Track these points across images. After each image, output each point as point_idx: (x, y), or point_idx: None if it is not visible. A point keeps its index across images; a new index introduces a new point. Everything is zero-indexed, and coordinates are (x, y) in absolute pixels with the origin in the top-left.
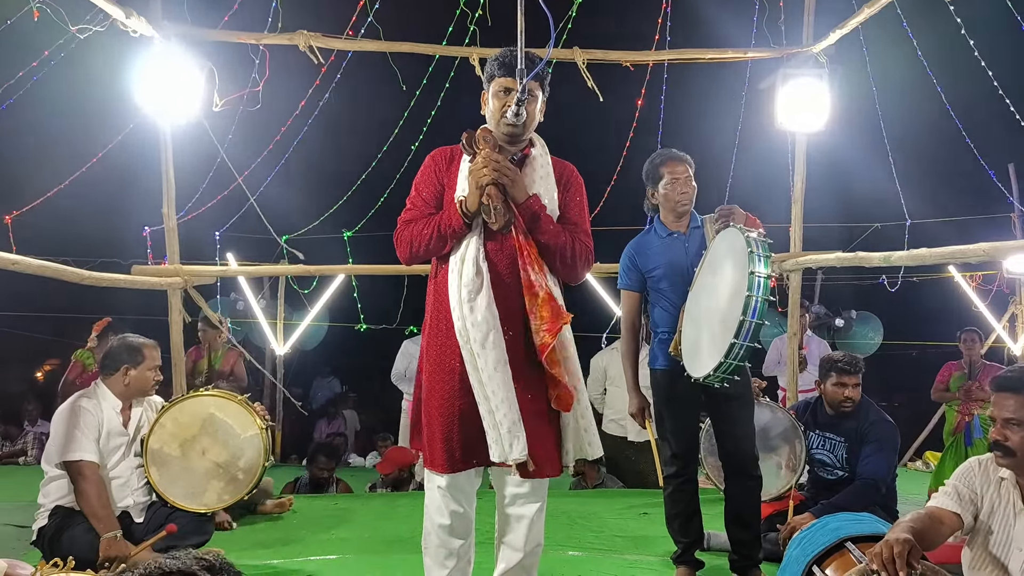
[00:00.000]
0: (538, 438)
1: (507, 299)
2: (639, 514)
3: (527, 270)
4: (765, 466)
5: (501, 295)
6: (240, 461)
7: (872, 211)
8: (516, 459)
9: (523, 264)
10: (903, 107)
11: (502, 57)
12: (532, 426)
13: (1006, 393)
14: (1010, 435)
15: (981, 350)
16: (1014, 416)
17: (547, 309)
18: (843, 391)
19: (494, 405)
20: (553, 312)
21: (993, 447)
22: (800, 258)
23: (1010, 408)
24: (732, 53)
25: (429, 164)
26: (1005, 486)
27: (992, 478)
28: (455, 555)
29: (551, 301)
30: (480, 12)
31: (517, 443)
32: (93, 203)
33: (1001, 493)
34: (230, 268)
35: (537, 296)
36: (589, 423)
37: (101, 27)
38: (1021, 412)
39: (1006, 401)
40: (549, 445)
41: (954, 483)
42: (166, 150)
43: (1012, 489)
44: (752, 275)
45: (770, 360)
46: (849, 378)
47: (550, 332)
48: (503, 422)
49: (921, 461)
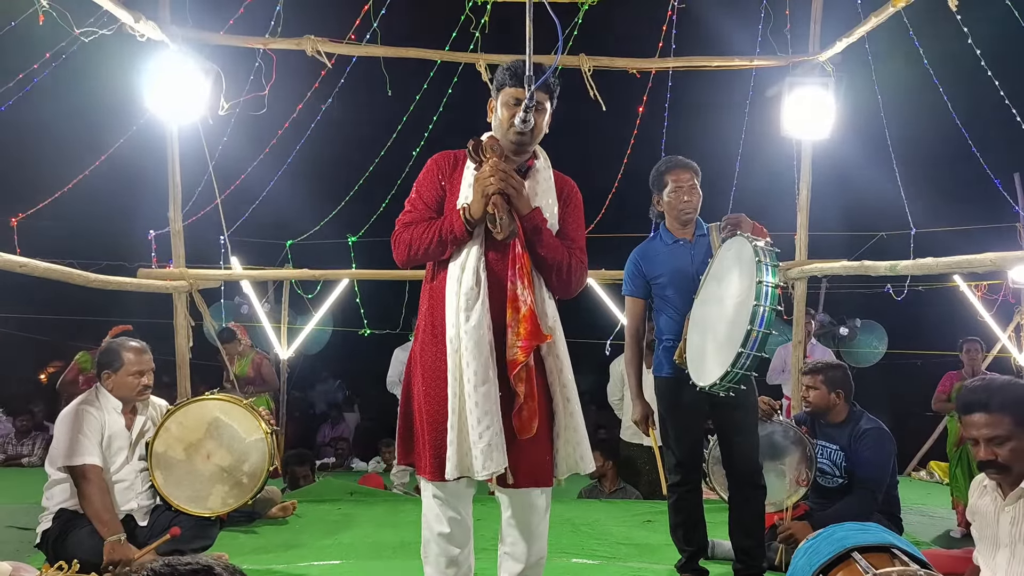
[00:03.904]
0: (529, 449)
1: (501, 311)
2: (643, 522)
3: (515, 282)
4: (771, 477)
5: (496, 306)
6: (244, 465)
7: (877, 220)
8: (494, 472)
9: (512, 276)
10: (909, 116)
11: (514, 67)
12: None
13: (977, 413)
14: (999, 451)
15: (983, 360)
16: (995, 433)
17: (525, 325)
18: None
19: (477, 418)
20: (530, 330)
21: (983, 467)
22: (805, 266)
23: (986, 426)
24: (738, 61)
25: (432, 167)
26: (989, 489)
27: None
28: (455, 563)
29: (531, 319)
30: (485, 18)
31: (497, 455)
32: (98, 206)
33: (984, 498)
34: (235, 272)
35: (519, 311)
36: (581, 438)
37: (108, 30)
38: (1002, 427)
39: (977, 420)
40: (541, 455)
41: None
42: (173, 154)
43: (995, 490)
44: (760, 284)
45: (774, 368)
46: (807, 378)
47: (523, 350)
48: (484, 435)
49: (925, 471)
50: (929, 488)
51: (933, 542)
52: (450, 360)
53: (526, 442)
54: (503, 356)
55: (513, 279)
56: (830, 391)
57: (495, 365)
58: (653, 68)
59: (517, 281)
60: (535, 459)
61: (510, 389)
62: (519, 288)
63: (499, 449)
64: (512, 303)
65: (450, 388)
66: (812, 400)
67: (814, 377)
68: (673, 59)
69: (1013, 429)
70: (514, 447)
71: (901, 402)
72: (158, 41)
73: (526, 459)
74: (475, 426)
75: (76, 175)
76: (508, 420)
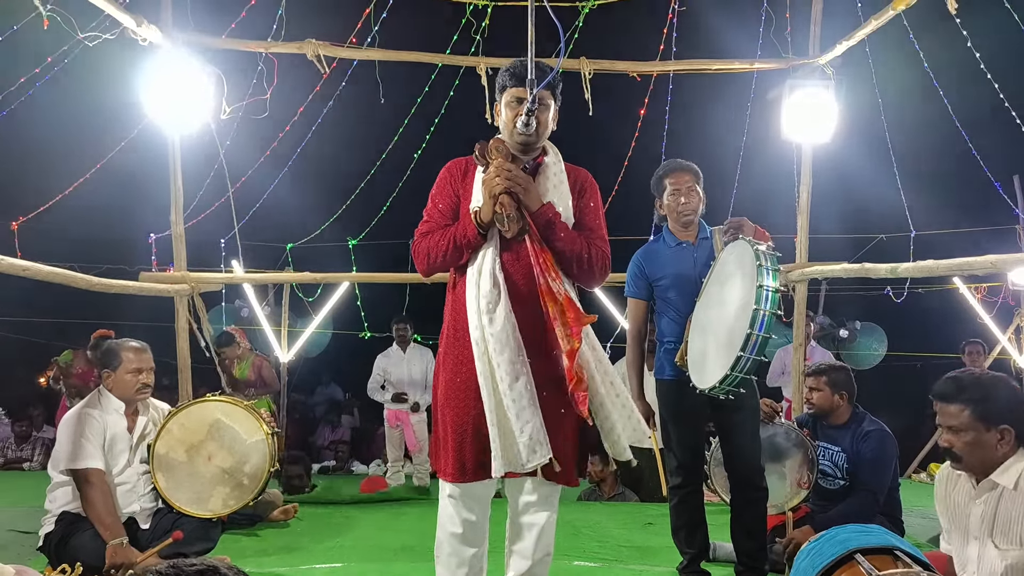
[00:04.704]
0: (557, 446)
1: (524, 309)
2: (644, 524)
3: (545, 277)
4: (773, 479)
5: (519, 305)
6: (246, 467)
7: (877, 222)
8: (540, 462)
9: (539, 272)
10: (909, 118)
11: (514, 68)
12: (552, 434)
13: (946, 403)
14: (954, 441)
15: (985, 362)
16: (955, 423)
17: (570, 313)
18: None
19: (515, 413)
20: (575, 316)
21: (944, 454)
22: (806, 269)
23: (952, 414)
24: (738, 64)
25: (444, 176)
26: (962, 481)
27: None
28: (466, 564)
29: (572, 305)
30: (486, 22)
31: (540, 448)
32: (98, 210)
33: (959, 488)
34: (236, 275)
35: (557, 302)
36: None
37: (111, 35)
38: (959, 419)
39: (948, 409)
40: (567, 454)
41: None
42: (174, 157)
43: (967, 481)
44: (760, 288)
45: (774, 371)
46: (810, 380)
47: (575, 336)
48: (526, 429)
49: (925, 473)
50: (929, 490)
51: (934, 544)
52: (479, 362)
53: (555, 441)
54: (533, 351)
55: (541, 274)
56: (834, 393)
57: (527, 362)
58: (654, 71)
59: (545, 275)
60: (563, 457)
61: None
62: (549, 281)
63: (541, 441)
64: (548, 296)
65: (484, 390)
66: (816, 402)
67: (818, 379)
68: (674, 62)
69: (970, 422)
70: None
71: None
72: (160, 45)
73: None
74: (515, 421)
75: (77, 179)
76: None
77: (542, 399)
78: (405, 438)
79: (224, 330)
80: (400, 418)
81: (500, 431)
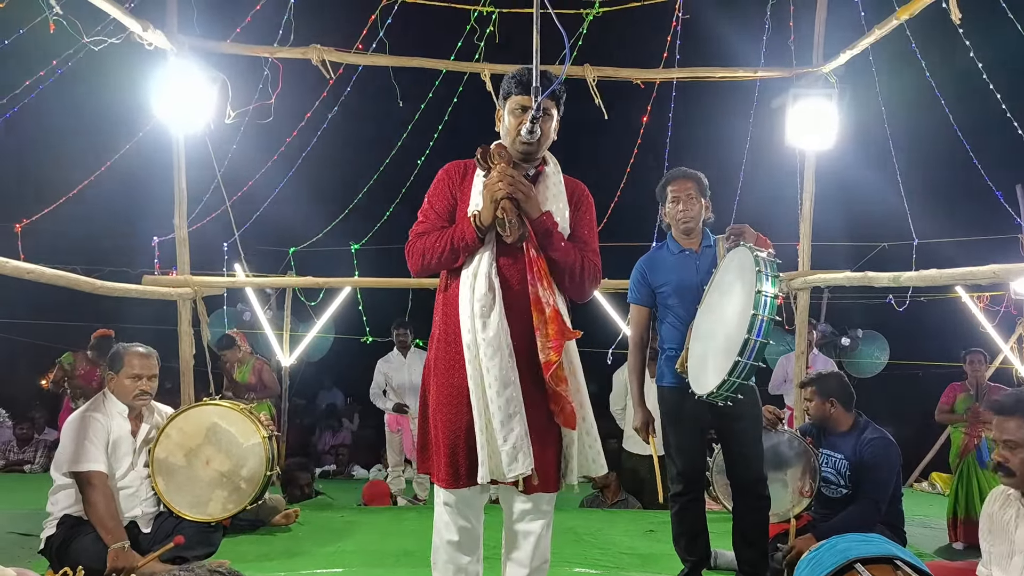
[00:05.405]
0: (540, 455)
1: (518, 315)
2: (646, 531)
3: (535, 285)
4: (775, 487)
5: (513, 311)
6: (243, 470)
7: (879, 230)
8: (522, 473)
9: (532, 280)
10: (911, 127)
11: (519, 75)
12: (535, 443)
13: (1006, 416)
14: (1010, 456)
15: (987, 372)
16: (1013, 438)
17: (553, 326)
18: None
19: (500, 421)
20: (559, 329)
21: (996, 469)
22: (808, 276)
23: (1010, 430)
24: (742, 72)
25: (442, 177)
26: (1011, 499)
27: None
28: (463, 571)
29: (557, 318)
30: (490, 28)
31: (523, 457)
32: (101, 213)
33: (1006, 505)
34: (239, 279)
35: (544, 313)
36: (594, 440)
37: (117, 39)
38: (1017, 434)
39: (1007, 424)
40: (549, 462)
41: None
42: (179, 161)
43: (1017, 500)
44: (759, 294)
45: (776, 379)
46: (804, 392)
47: (555, 350)
48: (509, 438)
49: (927, 482)
50: (931, 499)
51: (935, 554)
52: (469, 367)
53: (537, 450)
54: (522, 359)
55: (533, 283)
56: (824, 400)
57: (516, 369)
58: (657, 79)
59: (537, 284)
60: (545, 465)
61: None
62: (540, 290)
63: (525, 452)
64: (536, 306)
65: (473, 395)
66: (811, 412)
67: (808, 390)
68: (677, 70)
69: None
70: None
71: (902, 413)
72: (165, 49)
73: (538, 465)
74: (499, 429)
75: (81, 182)
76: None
77: (529, 408)
78: (404, 443)
79: (225, 333)
80: (400, 423)
81: (487, 437)
